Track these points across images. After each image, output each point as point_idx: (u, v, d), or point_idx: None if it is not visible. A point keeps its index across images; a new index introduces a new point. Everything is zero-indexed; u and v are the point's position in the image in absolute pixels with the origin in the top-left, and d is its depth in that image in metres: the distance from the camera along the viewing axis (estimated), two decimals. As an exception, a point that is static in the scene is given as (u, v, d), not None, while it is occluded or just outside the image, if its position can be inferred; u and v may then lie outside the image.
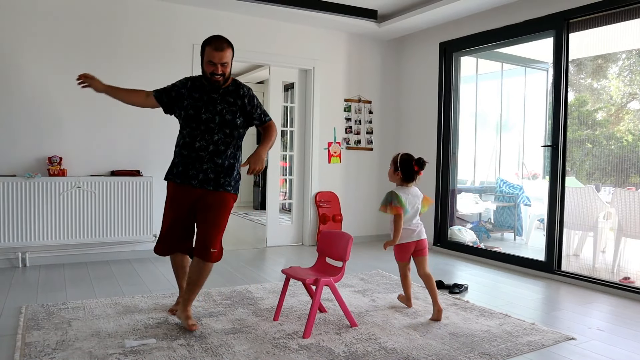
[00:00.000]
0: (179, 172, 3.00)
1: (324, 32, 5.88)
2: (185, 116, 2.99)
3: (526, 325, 3.12)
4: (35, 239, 4.40)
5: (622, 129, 4.69)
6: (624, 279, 4.11)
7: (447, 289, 3.97)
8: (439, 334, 2.95)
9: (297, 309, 3.34)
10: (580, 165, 4.91)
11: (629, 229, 4.39)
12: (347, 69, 6.06)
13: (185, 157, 2.99)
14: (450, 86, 5.62)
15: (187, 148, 2.99)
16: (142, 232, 4.79)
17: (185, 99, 3.00)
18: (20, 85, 4.41)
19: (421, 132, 6.00)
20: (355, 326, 3.04)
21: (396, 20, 5.53)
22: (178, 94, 3.03)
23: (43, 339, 2.69)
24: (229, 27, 5.25)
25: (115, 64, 4.76)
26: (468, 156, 6.44)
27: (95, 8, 4.67)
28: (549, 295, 3.94)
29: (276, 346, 2.70)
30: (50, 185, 4.42)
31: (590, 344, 2.87)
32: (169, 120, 5.02)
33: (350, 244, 3.06)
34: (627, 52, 4.74)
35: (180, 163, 3.01)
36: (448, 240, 5.64)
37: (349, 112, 6.09)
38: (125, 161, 4.84)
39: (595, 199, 4.73)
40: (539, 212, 6.08)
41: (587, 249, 4.94)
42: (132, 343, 2.65)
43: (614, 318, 3.38)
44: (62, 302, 3.36)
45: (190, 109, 2.98)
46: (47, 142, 4.52)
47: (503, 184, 6.60)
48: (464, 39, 5.39)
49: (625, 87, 4.86)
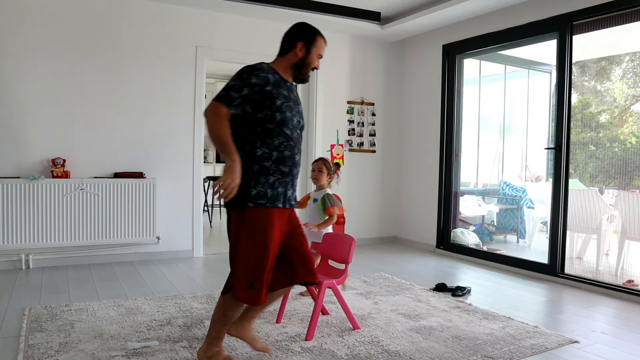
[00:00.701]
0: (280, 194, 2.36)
1: (327, 34, 5.80)
2: (282, 120, 2.33)
3: (529, 328, 3.11)
4: (38, 240, 4.41)
5: (625, 132, 4.68)
6: (627, 282, 4.10)
7: (450, 291, 3.97)
8: (441, 336, 2.94)
9: (300, 312, 3.34)
10: (583, 167, 4.90)
11: (632, 231, 4.38)
12: (350, 71, 6.06)
13: (286, 174, 2.37)
14: (453, 88, 5.62)
15: (285, 163, 2.36)
16: (145, 234, 4.80)
17: (277, 98, 2.33)
18: (24, 87, 4.43)
19: (424, 134, 6.00)
20: (357, 329, 3.03)
21: (399, 23, 5.53)
22: (263, 94, 2.29)
23: (46, 341, 2.70)
24: (231, 29, 5.26)
25: (118, 66, 4.77)
26: (471, 158, 6.43)
27: (98, 10, 4.69)
28: (552, 298, 3.93)
29: (279, 348, 2.70)
30: (54, 187, 4.44)
31: (594, 347, 2.86)
32: (172, 122, 5.06)
33: (353, 247, 3.05)
34: (631, 54, 4.73)
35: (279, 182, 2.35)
36: (451, 242, 5.63)
37: (351, 114, 6.09)
38: (128, 163, 4.85)
39: (598, 201, 4.72)
40: (542, 215, 6.06)
41: (590, 252, 4.92)
42: (134, 345, 2.65)
43: (618, 321, 3.37)
44: (65, 304, 3.37)
45: (286, 109, 2.35)
46: (50, 144, 4.54)
47: (506, 186, 6.59)
48: (467, 41, 5.39)
49: (629, 90, 4.84)
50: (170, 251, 5.03)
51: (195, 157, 5.16)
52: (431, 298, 3.76)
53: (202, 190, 5.28)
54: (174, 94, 5.02)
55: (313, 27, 2.55)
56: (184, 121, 5.08)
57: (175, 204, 5.07)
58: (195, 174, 5.16)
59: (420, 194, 6.06)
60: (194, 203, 5.17)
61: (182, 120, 5.07)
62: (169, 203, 5.02)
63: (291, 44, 2.48)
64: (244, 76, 2.28)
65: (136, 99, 4.86)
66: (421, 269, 4.86)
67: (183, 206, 5.11)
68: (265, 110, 2.29)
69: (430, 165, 5.88)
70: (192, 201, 5.16)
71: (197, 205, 5.20)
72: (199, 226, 5.22)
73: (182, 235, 5.12)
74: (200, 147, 5.20)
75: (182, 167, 5.10)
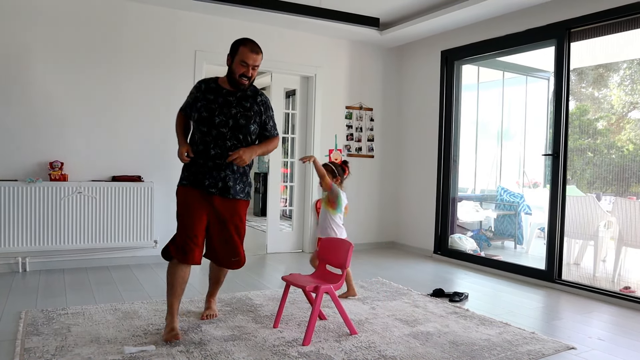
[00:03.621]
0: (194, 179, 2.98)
1: (326, 40, 5.90)
2: (198, 118, 2.91)
3: (526, 334, 3.11)
4: (35, 243, 4.40)
5: (623, 138, 4.70)
6: (624, 289, 4.10)
7: (447, 297, 3.97)
8: (438, 342, 2.94)
9: (297, 316, 3.34)
10: (581, 174, 4.91)
11: (629, 238, 4.39)
12: (349, 76, 6.08)
13: (201, 165, 2.94)
14: (452, 94, 5.64)
15: (201, 156, 2.95)
16: (143, 237, 4.79)
17: (199, 101, 2.93)
18: (23, 90, 4.43)
19: (422, 139, 6.01)
20: (355, 334, 3.03)
21: (398, 28, 5.55)
22: (194, 98, 2.98)
23: (42, 345, 2.69)
24: (231, 33, 5.27)
25: (117, 69, 4.78)
26: (469, 164, 6.45)
27: (98, 14, 4.70)
28: (549, 304, 3.93)
29: (276, 353, 2.69)
30: (52, 190, 4.43)
31: (591, 353, 2.86)
32: (170, 126, 5.05)
33: (351, 252, 3.06)
34: (629, 62, 4.75)
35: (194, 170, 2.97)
36: (448, 248, 5.64)
37: (350, 119, 6.10)
38: (126, 166, 4.85)
39: (596, 208, 4.73)
40: (539, 221, 6.07)
41: (587, 258, 4.93)
42: (131, 349, 2.64)
43: (615, 328, 3.37)
44: (62, 308, 3.36)
45: (203, 110, 2.90)
46: (48, 147, 4.54)
47: (504, 192, 6.60)
48: (465, 48, 5.41)
49: (626, 97, 4.87)
50: (167, 255, 5.02)
51: (194, 161, 5.15)
52: (428, 303, 3.76)
53: (200, 194, 5.27)
54: (173, 98, 5.02)
55: (243, 39, 2.94)
56: (182, 125, 5.08)
57: (172, 207, 5.00)
58: (193, 178, 5.15)
59: (418, 199, 6.07)
60: (192, 207, 5.15)
61: (180, 124, 5.07)
62: (167, 207, 5.01)
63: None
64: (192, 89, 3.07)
65: (135, 103, 4.86)
66: (419, 274, 4.86)
67: (181, 210, 5.10)
68: (193, 111, 2.96)
69: (428, 171, 5.89)
70: (190, 205, 5.14)
71: (195, 209, 5.18)
72: (197, 230, 5.21)
73: (180, 239, 5.10)
74: (199, 151, 5.19)
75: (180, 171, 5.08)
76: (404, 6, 5.12)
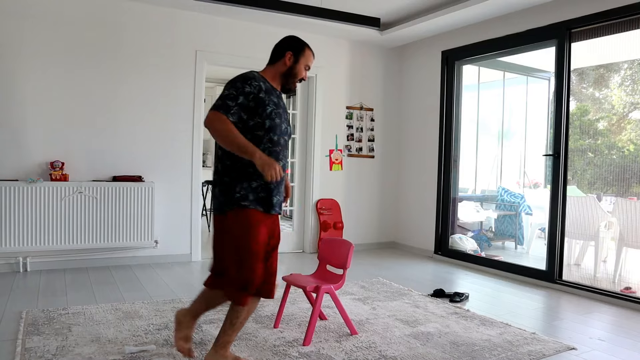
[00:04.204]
0: (262, 199, 2.40)
1: (326, 40, 5.91)
2: (271, 126, 2.38)
3: (527, 335, 3.11)
4: (36, 243, 4.40)
5: (623, 139, 4.69)
6: (625, 289, 4.10)
7: (447, 297, 3.97)
8: (439, 342, 2.94)
9: (298, 317, 3.34)
10: (581, 174, 4.91)
11: (630, 238, 4.38)
12: (350, 76, 6.08)
13: (269, 181, 2.32)
14: (452, 94, 5.64)
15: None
16: (144, 237, 4.80)
17: (268, 105, 2.38)
18: (23, 90, 4.44)
19: (423, 140, 6.01)
20: (355, 334, 3.03)
21: (399, 29, 5.55)
22: (259, 101, 2.36)
23: (43, 345, 2.69)
24: (231, 33, 5.28)
25: (118, 69, 4.78)
26: (469, 164, 6.45)
27: (98, 14, 4.70)
28: (550, 305, 3.93)
29: (276, 353, 2.69)
30: (52, 190, 4.43)
31: (591, 354, 2.86)
32: (171, 126, 5.06)
33: (351, 252, 3.05)
34: (629, 62, 4.75)
35: (261, 188, 2.39)
36: (449, 248, 5.64)
37: (350, 119, 6.10)
38: (127, 167, 4.85)
39: (596, 208, 4.73)
40: (540, 221, 6.07)
41: (588, 259, 4.93)
42: (132, 349, 2.64)
43: (615, 328, 3.37)
44: (63, 308, 3.36)
45: (275, 116, 2.41)
46: (49, 147, 4.54)
47: (504, 192, 6.60)
48: (466, 48, 5.41)
49: (627, 97, 4.86)
50: (168, 255, 5.03)
51: (194, 161, 5.17)
52: (429, 304, 3.76)
53: (200, 194, 5.28)
54: (174, 98, 5.03)
55: (303, 40, 2.62)
56: (183, 125, 5.09)
57: (173, 207, 5.07)
58: (193, 177, 5.17)
59: (418, 199, 6.06)
60: (192, 207, 5.17)
61: (181, 124, 5.08)
62: (168, 207, 5.02)
63: (280, 54, 2.56)
64: (238, 85, 2.34)
65: (135, 103, 4.87)
66: (419, 274, 4.86)
67: (181, 210, 5.11)
68: (256, 117, 2.36)
69: (429, 171, 5.89)
70: (191, 205, 5.16)
71: (196, 209, 5.20)
72: (197, 230, 5.22)
73: (180, 239, 5.12)
74: (199, 151, 5.21)
75: (181, 171, 5.10)
76: (404, 6, 5.12)
